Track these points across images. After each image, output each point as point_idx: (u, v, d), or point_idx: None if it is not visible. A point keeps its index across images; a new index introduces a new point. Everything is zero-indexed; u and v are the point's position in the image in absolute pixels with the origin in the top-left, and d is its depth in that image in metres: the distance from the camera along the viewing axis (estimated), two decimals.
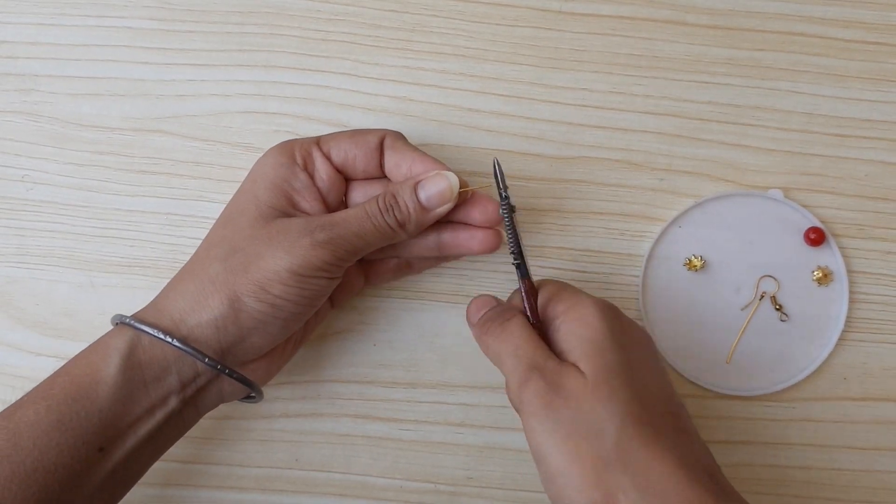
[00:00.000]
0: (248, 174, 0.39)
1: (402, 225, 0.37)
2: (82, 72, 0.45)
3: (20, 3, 0.45)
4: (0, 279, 0.45)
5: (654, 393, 0.34)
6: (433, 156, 0.39)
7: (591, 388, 0.32)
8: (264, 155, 0.39)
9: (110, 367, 0.35)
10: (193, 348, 0.35)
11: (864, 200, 0.44)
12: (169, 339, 0.35)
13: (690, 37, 0.45)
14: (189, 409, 0.37)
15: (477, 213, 0.39)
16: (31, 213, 0.45)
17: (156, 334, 0.35)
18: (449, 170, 0.38)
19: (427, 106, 0.44)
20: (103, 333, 0.36)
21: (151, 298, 0.42)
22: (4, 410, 0.34)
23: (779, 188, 0.44)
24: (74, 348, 0.44)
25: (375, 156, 0.39)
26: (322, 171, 0.38)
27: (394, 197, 0.37)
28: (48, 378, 0.35)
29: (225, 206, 0.39)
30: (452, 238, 0.40)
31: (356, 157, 0.39)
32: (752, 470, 0.44)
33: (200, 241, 0.39)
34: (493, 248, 0.40)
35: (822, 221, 0.44)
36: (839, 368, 0.44)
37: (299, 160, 0.38)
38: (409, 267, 0.42)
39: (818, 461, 0.44)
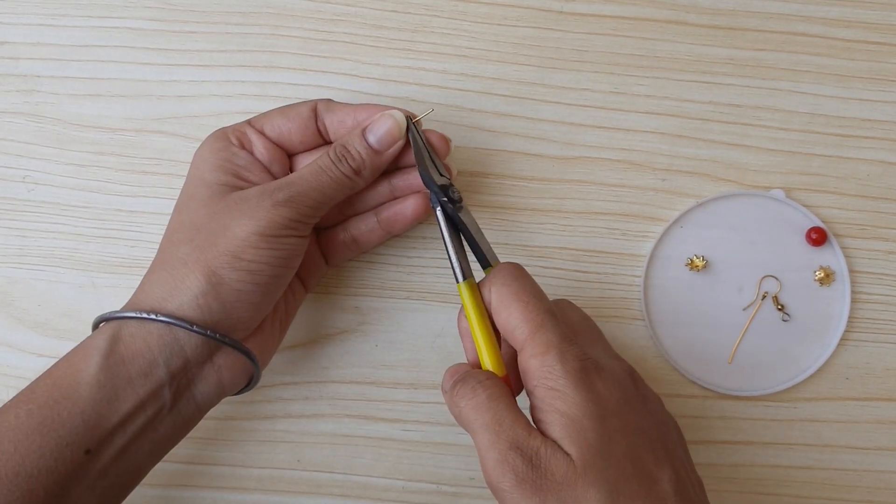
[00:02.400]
0: (190, 166, 0.39)
1: (357, 172, 0.38)
2: (84, 72, 0.45)
3: (22, 4, 0.45)
4: (1, 280, 0.45)
5: (648, 465, 0.32)
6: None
7: (579, 472, 0.30)
8: (200, 145, 0.39)
9: (91, 366, 0.34)
10: (180, 318, 0.34)
11: (866, 200, 0.44)
12: (151, 316, 0.34)
13: (692, 37, 0.45)
14: (186, 403, 0.36)
15: None
16: (33, 213, 0.45)
17: (137, 315, 0.35)
18: (392, 108, 0.38)
19: (429, 106, 0.44)
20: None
21: None
22: None
23: (780, 188, 0.44)
24: None
25: (311, 125, 0.39)
26: (259, 146, 0.39)
27: (344, 147, 0.37)
28: (31, 383, 0.35)
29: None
30: (403, 180, 0.40)
31: (291, 130, 0.39)
32: (754, 470, 0.44)
33: None
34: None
35: (824, 221, 0.44)
36: (841, 368, 0.44)
37: (235, 141, 0.38)
38: (357, 243, 0.42)
39: (820, 461, 0.44)
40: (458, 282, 0.36)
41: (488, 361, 0.35)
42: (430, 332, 0.44)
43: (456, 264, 0.36)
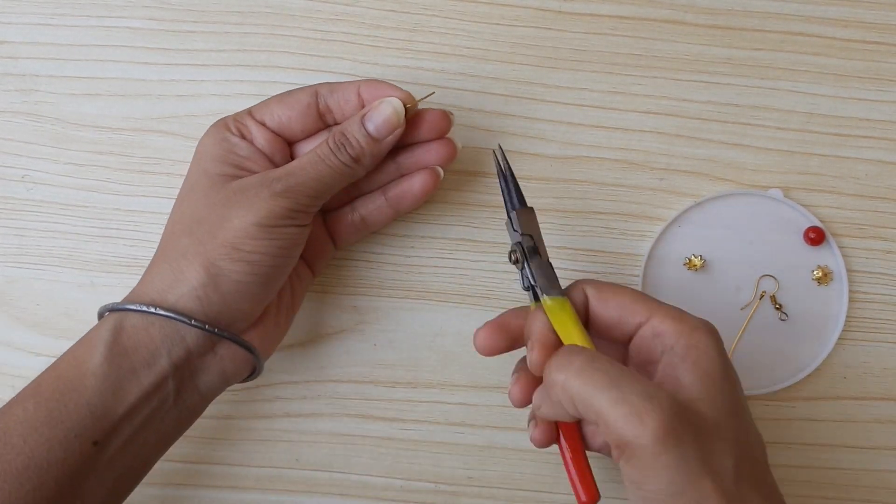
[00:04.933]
0: (192, 157, 0.39)
1: (356, 160, 0.37)
2: (83, 72, 0.45)
3: (21, 3, 0.45)
4: (0, 279, 0.45)
5: (754, 435, 0.34)
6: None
7: (713, 428, 0.31)
8: (202, 138, 0.39)
9: (95, 357, 0.34)
10: (180, 311, 0.35)
11: (864, 200, 0.44)
12: (152, 310, 0.35)
13: (690, 36, 0.45)
14: (190, 393, 0.36)
15: (425, 131, 0.40)
16: (32, 213, 0.45)
17: (138, 308, 0.35)
18: (394, 90, 0.38)
19: (427, 106, 0.44)
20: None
21: None
22: None
23: (778, 187, 0.44)
24: None
25: (311, 111, 0.39)
26: (259, 136, 0.39)
27: (343, 135, 0.37)
28: (37, 377, 0.35)
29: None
30: (409, 157, 0.40)
31: (291, 119, 0.39)
32: None
33: None
34: (450, 157, 0.40)
35: (822, 221, 0.44)
36: (839, 368, 0.44)
37: (235, 131, 0.38)
38: (365, 223, 0.42)
39: (818, 460, 0.44)
40: (544, 297, 0.36)
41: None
42: (428, 332, 0.44)
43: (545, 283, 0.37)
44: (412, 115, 0.39)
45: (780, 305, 0.44)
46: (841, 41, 0.45)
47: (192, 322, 0.35)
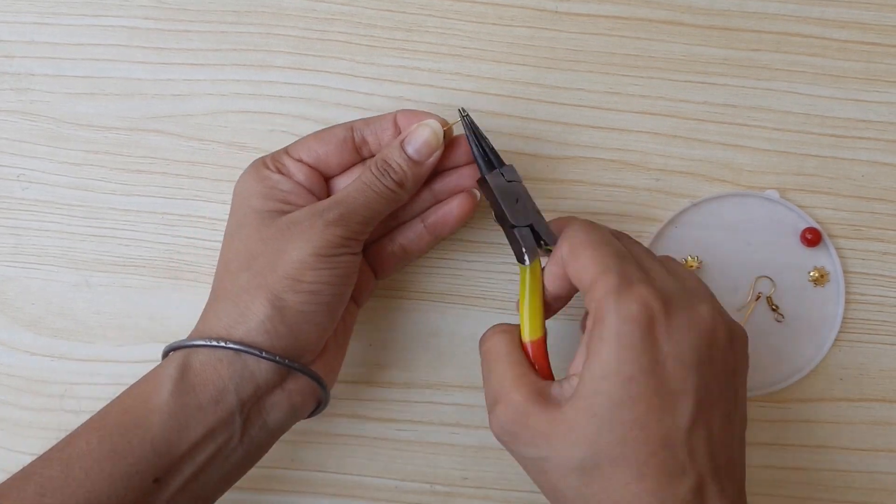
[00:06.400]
0: (233, 198, 0.39)
1: (400, 185, 0.38)
2: (78, 71, 0.45)
3: (16, 2, 0.45)
4: None
5: (673, 450, 0.30)
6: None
7: (561, 427, 0.32)
8: (240, 178, 0.39)
9: (162, 394, 0.34)
10: (252, 346, 0.35)
11: (861, 201, 0.44)
12: (222, 344, 0.34)
13: (687, 37, 0.45)
14: (258, 430, 0.36)
15: (458, 155, 0.40)
16: (27, 212, 0.45)
17: (206, 343, 0.35)
18: (430, 116, 0.38)
19: (423, 106, 0.44)
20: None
21: (147, 298, 0.42)
22: (59, 442, 0.34)
23: (775, 188, 0.44)
24: (70, 348, 0.44)
25: (347, 145, 0.39)
26: (298, 172, 0.39)
27: (385, 161, 0.38)
28: (102, 409, 0.35)
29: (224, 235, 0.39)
30: (443, 184, 0.40)
31: (328, 153, 0.39)
32: (748, 471, 0.44)
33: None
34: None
35: (819, 222, 0.44)
36: (835, 369, 0.44)
37: (273, 168, 0.39)
38: (406, 252, 0.41)
39: (814, 462, 0.44)
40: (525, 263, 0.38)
41: (527, 324, 0.36)
42: (424, 332, 0.44)
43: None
44: (448, 140, 0.39)
45: (777, 307, 0.44)
46: (838, 42, 0.45)
47: (263, 354, 0.35)
